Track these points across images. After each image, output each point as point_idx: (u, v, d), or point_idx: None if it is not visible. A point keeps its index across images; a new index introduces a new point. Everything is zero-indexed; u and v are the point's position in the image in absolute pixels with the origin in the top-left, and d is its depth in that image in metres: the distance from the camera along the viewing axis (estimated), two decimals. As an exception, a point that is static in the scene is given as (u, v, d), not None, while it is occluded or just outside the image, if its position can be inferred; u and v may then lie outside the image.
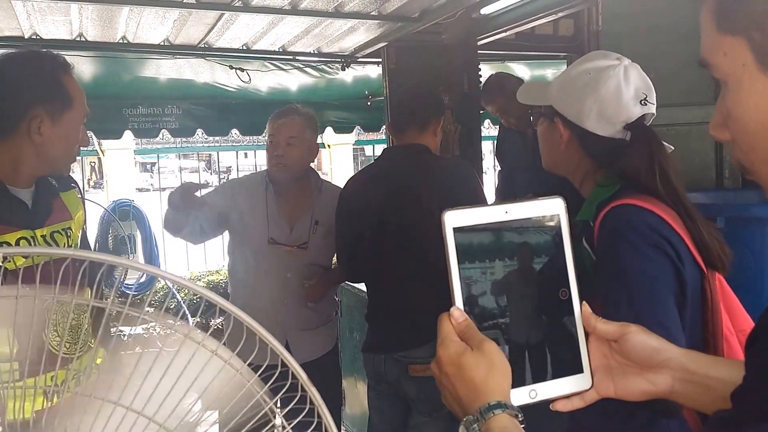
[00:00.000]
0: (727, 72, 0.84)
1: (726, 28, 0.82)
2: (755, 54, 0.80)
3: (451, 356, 0.93)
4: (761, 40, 0.79)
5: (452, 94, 4.47)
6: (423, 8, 3.93)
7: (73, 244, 2.14)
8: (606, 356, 1.02)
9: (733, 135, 0.85)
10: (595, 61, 1.68)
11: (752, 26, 0.80)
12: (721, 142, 0.89)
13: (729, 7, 0.82)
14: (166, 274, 1.01)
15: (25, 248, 1.72)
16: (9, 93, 1.96)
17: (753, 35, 0.80)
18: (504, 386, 0.92)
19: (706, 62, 0.86)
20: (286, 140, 3.07)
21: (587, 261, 1.59)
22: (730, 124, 0.85)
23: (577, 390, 1.01)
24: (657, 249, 1.49)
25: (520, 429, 0.89)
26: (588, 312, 1.01)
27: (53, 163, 2.05)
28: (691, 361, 1.01)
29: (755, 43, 0.80)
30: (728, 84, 0.84)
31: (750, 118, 0.83)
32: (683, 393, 1.01)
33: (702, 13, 0.85)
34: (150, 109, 5.01)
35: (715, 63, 0.85)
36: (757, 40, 0.79)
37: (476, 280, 0.97)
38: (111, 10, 3.78)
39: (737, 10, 0.81)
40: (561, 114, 1.70)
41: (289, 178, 3.14)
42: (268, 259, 3.09)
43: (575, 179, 1.77)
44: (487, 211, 0.98)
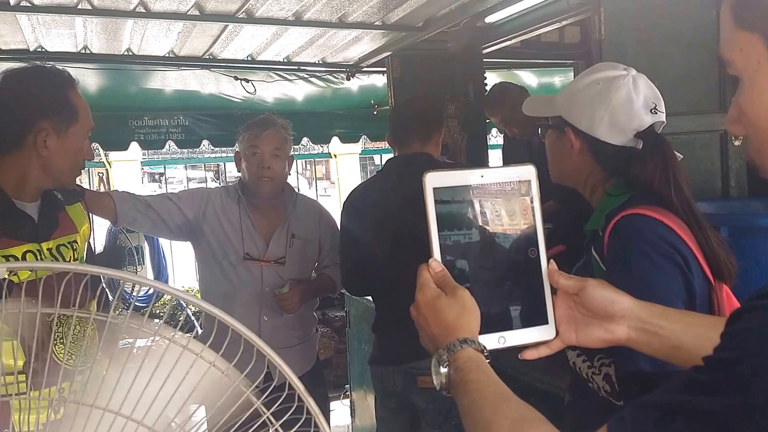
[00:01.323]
0: (742, 68, 0.84)
1: (743, 25, 0.83)
2: None
3: (428, 300, 1.05)
4: None
5: (458, 103, 4.49)
6: (427, 17, 3.95)
7: (78, 257, 2.15)
8: (570, 308, 1.12)
9: (746, 131, 0.87)
10: (604, 71, 1.70)
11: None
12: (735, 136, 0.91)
13: (747, 3, 0.83)
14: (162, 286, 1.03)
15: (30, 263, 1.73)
16: (15, 107, 1.98)
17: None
18: (473, 326, 1.03)
19: (723, 58, 0.87)
20: (271, 152, 2.96)
21: (596, 270, 1.61)
22: (743, 120, 0.86)
23: (542, 339, 1.12)
24: (667, 258, 1.51)
25: (484, 361, 1.00)
26: (553, 268, 1.11)
27: (59, 177, 2.06)
28: (645, 311, 1.11)
29: None
30: (743, 80, 0.85)
31: (761, 116, 0.83)
32: (638, 340, 1.11)
33: (722, 8, 0.86)
34: (156, 121, 5.00)
35: (731, 59, 0.85)
36: None
37: (453, 236, 1.07)
38: (115, 23, 3.82)
39: (755, 7, 0.82)
40: (571, 124, 1.72)
41: (272, 191, 3.03)
42: (244, 275, 3.00)
43: (585, 189, 1.78)
44: (465, 174, 1.08)
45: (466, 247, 1.08)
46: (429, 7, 3.71)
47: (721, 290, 1.57)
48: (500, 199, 1.09)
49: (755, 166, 0.88)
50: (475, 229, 1.08)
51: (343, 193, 9.19)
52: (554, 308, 1.12)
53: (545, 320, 1.12)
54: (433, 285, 1.05)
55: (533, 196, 1.10)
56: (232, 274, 3.00)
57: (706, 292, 1.54)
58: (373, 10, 3.73)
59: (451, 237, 1.07)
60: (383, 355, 2.97)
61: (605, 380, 1.54)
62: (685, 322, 1.11)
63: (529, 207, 1.10)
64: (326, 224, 3.24)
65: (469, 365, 0.98)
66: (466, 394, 0.96)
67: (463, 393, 0.97)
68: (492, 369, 0.99)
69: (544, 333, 1.12)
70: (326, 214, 3.32)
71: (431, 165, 2.83)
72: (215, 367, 0.99)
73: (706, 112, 3.07)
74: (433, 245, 1.06)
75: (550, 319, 1.12)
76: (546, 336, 1.12)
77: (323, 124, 5.47)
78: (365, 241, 2.84)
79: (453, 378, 1.00)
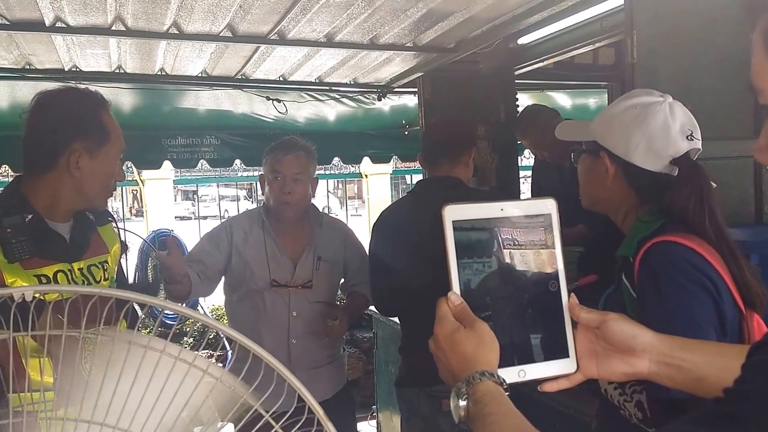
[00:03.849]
0: None
1: None
2: None
3: (446, 333, 1.06)
4: None
5: (489, 124, 4.48)
6: (459, 39, 3.96)
7: (109, 276, 2.18)
8: (591, 342, 1.14)
9: None
10: (640, 97, 1.70)
11: None
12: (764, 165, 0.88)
13: None
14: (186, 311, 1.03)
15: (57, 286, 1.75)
16: (49, 128, 2.02)
17: None
18: (491, 359, 1.04)
19: (755, 86, 0.86)
20: (293, 176, 2.97)
21: (627, 297, 1.60)
22: None
23: (563, 372, 1.12)
24: (698, 286, 1.50)
25: (503, 394, 1.00)
26: (574, 302, 1.12)
27: (91, 197, 2.09)
28: (666, 344, 1.12)
29: None
30: None
31: None
32: (660, 373, 1.12)
33: (754, 35, 0.85)
34: (188, 140, 5.07)
35: (763, 87, 0.84)
36: None
37: (472, 269, 1.08)
38: (149, 44, 3.86)
39: None
40: (607, 149, 1.71)
41: (294, 215, 3.04)
42: (271, 300, 3.00)
43: (617, 216, 1.77)
44: (485, 208, 1.09)
45: (486, 280, 1.09)
46: (461, 29, 3.72)
47: (752, 319, 1.56)
48: (520, 233, 1.10)
49: None
50: (495, 262, 1.09)
51: (373, 212, 9.21)
52: (575, 341, 1.13)
53: (566, 353, 1.12)
54: (452, 318, 1.06)
55: (554, 230, 1.11)
56: (259, 301, 3.00)
57: (737, 321, 1.53)
58: (404, 32, 3.75)
59: (471, 270, 1.08)
60: (409, 376, 2.98)
61: (637, 407, 1.54)
62: (708, 353, 1.12)
63: (549, 240, 1.11)
64: (352, 244, 3.24)
65: (488, 398, 0.99)
66: (484, 426, 0.97)
67: (482, 426, 0.97)
68: (511, 402, 1.00)
69: (565, 366, 1.13)
70: (351, 233, 3.32)
71: (458, 190, 2.86)
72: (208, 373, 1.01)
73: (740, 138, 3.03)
74: (452, 278, 1.07)
75: (570, 353, 1.13)
76: (567, 369, 1.13)
77: (354, 144, 5.51)
78: (393, 262, 2.85)
79: (471, 411, 1.00)
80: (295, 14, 3.34)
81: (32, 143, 2.04)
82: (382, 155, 5.82)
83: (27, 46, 3.88)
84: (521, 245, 1.11)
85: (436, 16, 3.48)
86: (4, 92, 4.56)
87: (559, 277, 1.12)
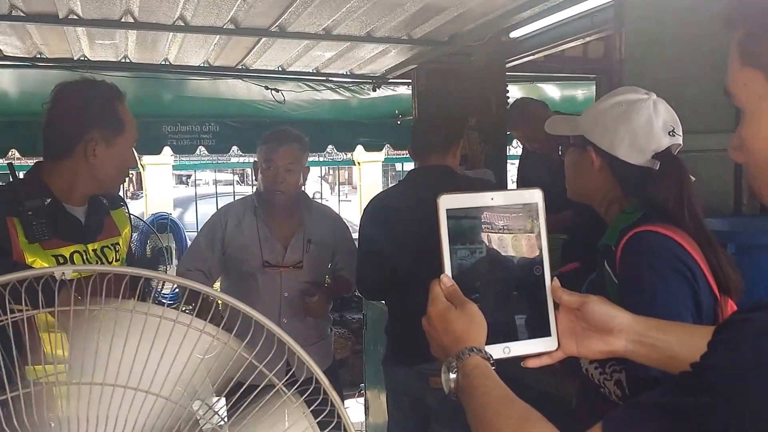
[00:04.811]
0: (745, 102, 0.90)
1: (748, 61, 0.88)
2: None
3: (439, 313, 1.12)
4: None
5: (480, 115, 4.55)
6: (452, 33, 4.02)
7: (120, 257, 2.27)
8: (572, 322, 1.19)
9: (746, 159, 0.92)
10: (626, 95, 1.76)
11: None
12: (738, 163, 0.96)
13: (752, 41, 0.88)
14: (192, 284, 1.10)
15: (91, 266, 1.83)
16: (68, 117, 2.09)
17: None
18: (480, 337, 1.10)
19: (729, 91, 0.92)
20: (286, 166, 3.08)
21: (609, 283, 1.67)
22: (744, 149, 0.92)
23: (545, 350, 1.18)
24: (676, 273, 1.58)
25: (490, 368, 1.07)
26: (556, 285, 1.18)
27: (105, 183, 2.18)
28: (642, 325, 1.17)
29: None
30: (746, 113, 0.91)
31: (761, 148, 0.89)
32: (635, 352, 1.17)
33: (730, 43, 0.91)
34: (188, 127, 5.17)
35: (736, 93, 0.91)
36: None
37: (463, 254, 1.14)
38: (155, 35, 3.95)
39: (760, 46, 0.87)
40: (593, 143, 1.78)
41: (285, 203, 3.16)
42: (264, 281, 3.12)
43: (601, 206, 1.84)
44: (476, 197, 1.15)
45: (476, 264, 1.15)
46: (455, 23, 3.78)
47: (726, 304, 1.61)
48: (508, 221, 1.16)
49: (753, 193, 0.96)
50: (485, 247, 1.15)
51: (365, 198, 9.28)
52: (557, 321, 1.18)
53: (548, 332, 1.18)
54: (444, 299, 1.13)
55: (539, 218, 1.17)
56: (252, 282, 3.12)
57: (712, 306, 1.59)
58: (400, 26, 3.82)
59: (462, 255, 1.14)
60: (396, 356, 3.06)
61: (616, 385, 1.60)
62: (681, 333, 1.16)
63: (535, 227, 1.17)
64: (340, 229, 3.37)
65: (476, 372, 1.05)
66: (472, 397, 1.03)
67: (470, 397, 1.04)
68: (497, 375, 1.06)
69: (547, 344, 1.18)
70: (339, 219, 3.45)
71: (452, 177, 2.93)
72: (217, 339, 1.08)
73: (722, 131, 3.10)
74: (445, 262, 1.13)
75: (552, 332, 1.18)
76: (548, 347, 1.18)
77: (348, 132, 5.61)
78: (382, 248, 2.92)
79: (461, 383, 1.06)
80: (297, 8, 3.43)
81: (52, 131, 2.12)
82: (374, 143, 5.91)
83: (40, 36, 3.96)
84: (509, 232, 1.16)
85: (431, 11, 3.55)
86: (13, 80, 4.66)
87: (544, 262, 1.17)
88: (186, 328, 1.06)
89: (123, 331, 1.05)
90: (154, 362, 1.05)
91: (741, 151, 0.92)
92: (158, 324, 1.05)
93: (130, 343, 1.04)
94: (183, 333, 1.05)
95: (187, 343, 1.05)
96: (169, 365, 1.05)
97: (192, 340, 1.06)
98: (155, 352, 1.04)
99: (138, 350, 1.04)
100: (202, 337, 1.07)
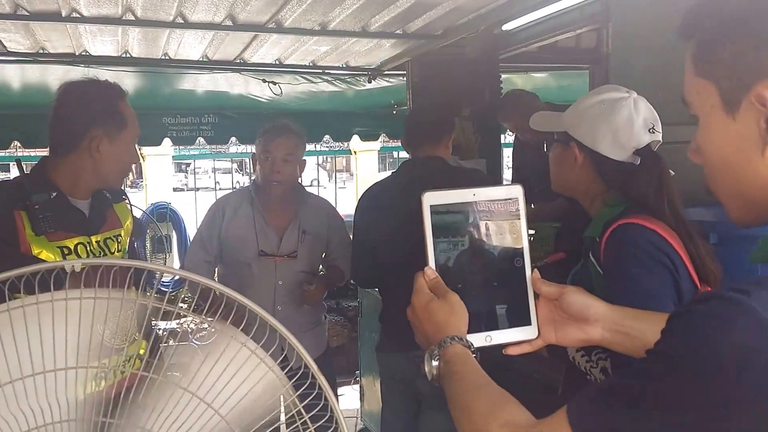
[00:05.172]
0: (699, 110, 0.94)
1: (700, 72, 0.92)
2: (722, 99, 0.90)
3: (422, 303, 1.17)
4: (727, 88, 0.89)
5: (474, 105, 4.59)
6: (446, 27, 4.06)
7: (122, 248, 2.35)
8: (551, 311, 1.23)
9: (702, 163, 0.96)
10: (608, 93, 1.83)
11: (721, 75, 0.89)
12: None
13: (704, 54, 0.92)
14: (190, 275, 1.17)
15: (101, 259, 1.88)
16: (73, 116, 2.17)
17: (721, 83, 0.89)
18: (461, 326, 1.15)
19: (685, 99, 0.97)
20: (283, 157, 3.16)
21: (593, 273, 1.75)
22: (700, 154, 0.96)
23: (525, 338, 1.23)
24: (657, 263, 1.65)
25: (470, 355, 1.12)
26: (536, 276, 1.23)
27: (108, 178, 2.26)
28: (617, 314, 1.21)
29: (723, 90, 0.89)
30: (700, 121, 0.95)
31: (713, 154, 0.94)
32: (611, 340, 1.22)
33: (686, 55, 0.95)
34: (187, 119, 5.23)
35: (691, 101, 0.96)
36: (725, 87, 0.89)
37: (447, 247, 1.19)
38: (155, 31, 4.02)
39: (711, 59, 0.91)
40: (576, 139, 1.84)
41: (282, 194, 3.24)
42: (259, 269, 3.19)
43: (585, 200, 1.91)
44: (459, 194, 1.20)
45: (459, 257, 1.20)
46: (448, 18, 3.82)
47: None
48: (490, 215, 1.21)
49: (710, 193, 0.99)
50: (467, 241, 1.20)
51: (361, 186, 9.33)
52: (536, 311, 1.23)
53: (528, 321, 1.22)
54: (427, 290, 1.18)
55: (520, 212, 1.21)
56: (248, 270, 3.20)
57: (692, 295, 1.66)
58: (393, 21, 3.85)
59: (445, 248, 1.19)
60: (389, 342, 3.11)
61: (602, 373, 1.66)
62: (654, 322, 1.16)
63: (516, 222, 1.21)
64: (334, 221, 3.45)
65: (456, 359, 1.10)
66: (451, 382, 1.08)
67: (450, 382, 1.09)
68: (476, 362, 1.11)
69: (527, 333, 1.22)
70: (334, 211, 3.55)
71: (443, 168, 3.00)
72: (264, 362, 1.15)
73: None
74: (429, 255, 1.18)
75: (532, 321, 1.22)
76: (529, 335, 1.22)
77: (344, 122, 5.64)
78: (374, 237, 2.98)
79: (442, 369, 1.11)
80: (292, 5, 3.48)
81: (58, 129, 2.19)
82: (370, 133, 5.94)
83: (43, 33, 4.04)
84: (491, 226, 1.20)
85: (424, 6, 3.57)
86: (16, 74, 4.75)
87: (524, 254, 1.21)
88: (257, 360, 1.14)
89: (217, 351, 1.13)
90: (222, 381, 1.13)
91: (698, 154, 0.97)
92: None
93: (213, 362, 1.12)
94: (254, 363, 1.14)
95: (250, 369, 1.14)
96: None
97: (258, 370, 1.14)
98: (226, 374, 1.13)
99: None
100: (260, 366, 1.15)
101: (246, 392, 1.13)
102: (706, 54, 0.91)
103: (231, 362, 1.13)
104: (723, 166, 0.93)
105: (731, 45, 0.87)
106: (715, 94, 0.90)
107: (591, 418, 0.87)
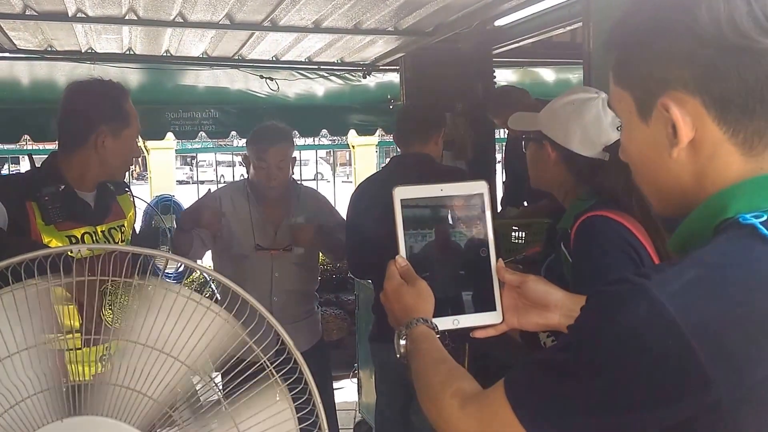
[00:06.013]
0: (620, 116, 1.01)
1: (618, 83, 0.99)
2: (637, 107, 0.96)
3: (393, 288, 1.26)
4: (641, 98, 0.96)
5: (467, 100, 4.65)
6: (437, 23, 4.10)
7: (125, 238, 2.46)
8: (514, 298, 1.30)
9: (628, 161, 1.04)
10: (578, 94, 1.91)
11: (635, 86, 0.96)
12: None
13: (621, 68, 0.98)
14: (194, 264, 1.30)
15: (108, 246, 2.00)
16: (80, 114, 2.29)
17: (636, 93, 0.96)
18: (427, 309, 1.24)
19: (611, 107, 1.05)
20: (277, 165, 3.18)
21: (565, 262, 1.82)
22: (625, 153, 1.03)
23: (490, 323, 1.30)
24: (623, 254, 1.72)
25: (433, 335, 1.21)
26: (500, 265, 1.30)
27: (112, 171, 2.38)
28: (574, 301, 1.27)
29: (637, 99, 0.96)
30: (623, 124, 1.02)
31: (634, 154, 1.01)
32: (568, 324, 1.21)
33: (610, 67, 1.01)
34: (189, 113, 5.32)
35: (614, 107, 1.02)
36: (638, 97, 0.96)
37: (416, 238, 1.27)
38: (157, 30, 4.14)
39: (626, 72, 0.98)
40: (549, 138, 1.92)
41: (278, 195, 3.27)
42: (256, 263, 3.21)
43: (559, 194, 1.99)
44: (427, 189, 1.27)
45: (427, 247, 1.27)
46: (439, 15, 3.87)
47: None
48: (457, 209, 1.28)
49: None
50: (436, 232, 1.27)
51: (359, 180, 9.41)
52: (501, 298, 1.29)
53: (493, 307, 1.29)
54: (398, 277, 1.26)
55: (485, 206, 1.28)
56: (245, 263, 3.23)
57: None
58: (386, 18, 3.92)
59: (415, 239, 1.26)
60: (381, 332, 3.14)
61: None
62: None
63: (481, 215, 1.28)
64: (327, 206, 3.53)
65: (421, 338, 1.19)
66: (415, 359, 1.17)
67: (414, 358, 1.18)
68: (439, 341, 1.19)
69: (492, 317, 1.29)
70: (325, 200, 3.63)
71: (428, 165, 3.10)
72: (220, 316, 1.25)
73: None
74: (400, 245, 1.25)
75: (497, 307, 1.29)
76: (494, 320, 1.29)
77: (340, 117, 5.69)
78: (365, 230, 3.02)
79: (409, 347, 1.20)
80: (286, 5, 3.59)
81: (66, 126, 2.31)
82: (367, 127, 5.98)
83: (51, 32, 4.16)
84: (457, 219, 1.27)
85: (415, 4, 3.64)
86: (25, 71, 4.88)
87: (489, 245, 1.27)
88: (204, 309, 1.23)
89: (156, 304, 1.22)
90: (176, 332, 1.22)
91: (624, 154, 1.04)
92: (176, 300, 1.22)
93: (160, 315, 1.21)
94: (202, 312, 1.23)
95: (200, 317, 1.22)
96: (187, 336, 1.22)
97: (207, 317, 1.23)
98: (178, 324, 1.21)
99: (165, 323, 1.21)
100: (209, 314, 1.24)
101: (199, 338, 1.22)
102: (623, 67, 0.98)
103: (180, 315, 1.22)
104: (642, 164, 1.01)
105: (642, 61, 0.95)
106: (631, 102, 0.97)
107: (521, 385, 0.96)
